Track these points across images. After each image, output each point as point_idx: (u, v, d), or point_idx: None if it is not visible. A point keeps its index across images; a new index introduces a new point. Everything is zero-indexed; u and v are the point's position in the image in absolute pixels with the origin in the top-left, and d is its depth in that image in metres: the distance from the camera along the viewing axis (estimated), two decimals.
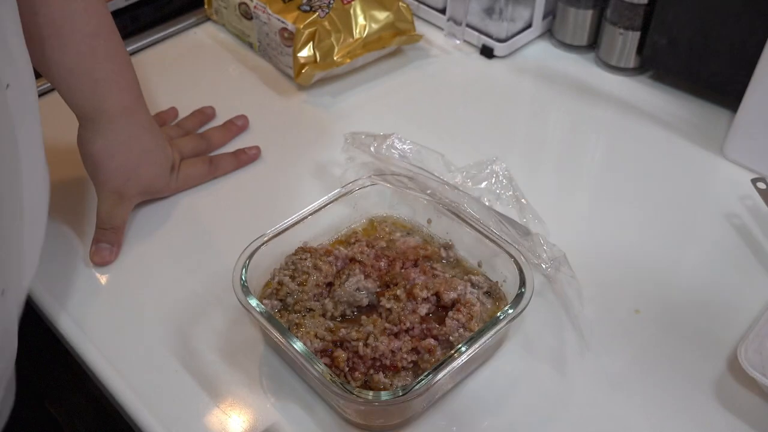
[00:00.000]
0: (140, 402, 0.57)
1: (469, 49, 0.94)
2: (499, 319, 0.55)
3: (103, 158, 0.66)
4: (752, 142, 0.76)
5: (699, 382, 0.59)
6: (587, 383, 0.59)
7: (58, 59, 0.62)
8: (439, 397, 0.57)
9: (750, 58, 0.73)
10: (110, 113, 0.66)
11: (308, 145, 0.80)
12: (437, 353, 0.55)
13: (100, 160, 0.66)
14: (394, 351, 0.55)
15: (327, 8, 0.86)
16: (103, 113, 0.65)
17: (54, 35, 0.61)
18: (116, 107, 0.66)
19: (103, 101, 0.65)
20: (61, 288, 0.66)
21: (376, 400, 0.51)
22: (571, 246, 0.64)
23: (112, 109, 0.66)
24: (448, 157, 0.70)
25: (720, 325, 0.63)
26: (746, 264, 0.68)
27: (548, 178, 0.78)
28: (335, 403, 0.56)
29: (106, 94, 0.65)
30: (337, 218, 0.66)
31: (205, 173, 0.75)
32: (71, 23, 0.61)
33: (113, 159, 0.67)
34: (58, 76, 0.64)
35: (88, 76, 0.64)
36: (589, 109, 0.86)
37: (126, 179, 0.68)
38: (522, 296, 0.57)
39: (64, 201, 0.73)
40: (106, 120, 0.66)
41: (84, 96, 0.65)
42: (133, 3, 0.99)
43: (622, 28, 0.86)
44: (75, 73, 0.64)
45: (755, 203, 0.72)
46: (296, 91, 0.87)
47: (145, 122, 0.69)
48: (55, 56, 0.62)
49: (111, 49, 0.65)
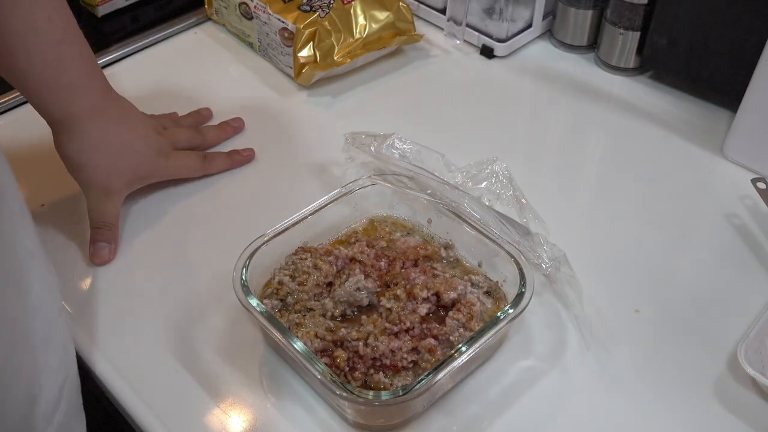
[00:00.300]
0: (140, 402, 0.57)
1: (469, 49, 0.94)
2: (499, 319, 0.55)
3: (81, 159, 0.67)
4: (752, 142, 0.76)
5: (699, 382, 0.59)
6: (587, 383, 0.59)
7: (25, 69, 0.62)
8: (440, 397, 0.57)
9: (750, 58, 0.73)
10: (80, 116, 0.66)
11: (308, 145, 0.80)
12: (437, 353, 0.55)
13: (79, 161, 0.67)
14: (394, 351, 0.55)
15: (327, 8, 0.86)
16: (73, 117, 0.65)
17: (20, 46, 0.61)
18: (85, 109, 0.66)
19: (71, 105, 0.65)
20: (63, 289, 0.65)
21: (376, 399, 0.51)
22: (571, 246, 0.64)
23: (81, 112, 0.66)
24: (448, 157, 0.70)
25: (720, 325, 0.63)
26: (746, 264, 0.68)
27: (548, 178, 0.78)
28: (335, 403, 0.56)
29: (74, 98, 0.65)
30: (337, 218, 0.66)
31: (198, 167, 0.75)
32: (35, 33, 0.61)
33: (91, 158, 0.67)
34: (26, 86, 0.64)
35: (56, 83, 0.64)
36: (589, 109, 0.86)
37: (108, 174, 0.68)
38: (522, 296, 0.57)
39: (61, 202, 0.73)
40: (77, 122, 0.66)
41: (52, 103, 0.65)
42: (133, 3, 0.99)
43: (622, 28, 0.86)
44: (42, 82, 0.63)
45: (755, 203, 0.72)
46: (296, 91, 0.87)
47: (117, 115, 0.69)
48: (21, 66, 0.62)
49: (76, 53, 0.65)
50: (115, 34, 0.96)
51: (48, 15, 0.62)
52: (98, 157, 0.67)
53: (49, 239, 0.69)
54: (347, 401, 0.52)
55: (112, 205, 0.68)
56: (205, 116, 0.82)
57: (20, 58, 0.61)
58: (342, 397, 0.51)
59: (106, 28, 0.97)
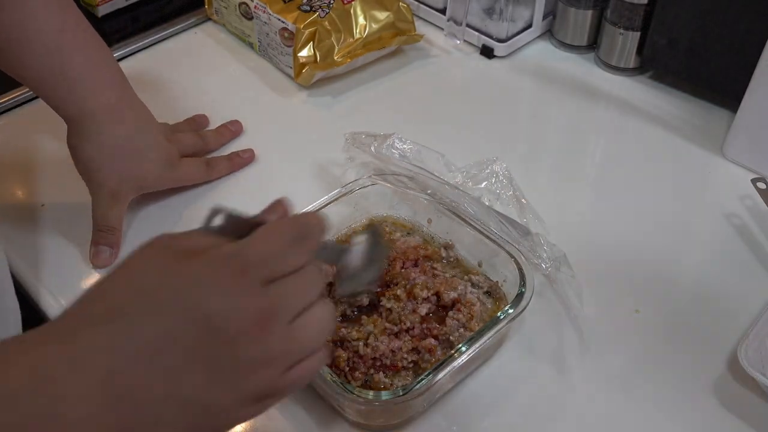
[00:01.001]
0: None
1: (469, 49, 0.94)
2: (499, 319, 0.56)
3: (94, 164, 0.66)
4: (752, 142, 0.76)
5: (699, 381, 0.59)
6: (587, 383, 0.59)
7: (28, 60, 0.62)
8: (439, 397, 0.57)
9: (750, 58, 0.73)
10: (94, 115, 0.65)
11: (308, 145, 0.80)
12: (437, 353, 0.55)
13: (92, 165, 0.66)
14: (394, 351, 0.55)
15: (327, 8, 0.86)
16: (87, 115, 0.64)
17: (21, 37, 0.60)
18: (99, 108, 0.65)
19: (84, 101, 0.64)
20: (62, 290, 0.66)
21: (376, 399, 0.51)
22: (571, 246, 0.64)
23: (96, 111, 0.65)
24: (448, 157, 0.70)
25: (720, 325, 0.63)
26: (746, 264, 0.68)
27: (548, 178, 0.78)
28: (335, 403, 0.56)
29: (86, 93, 0.64)
30: (337, 218, 0.66)
31: (202, 174, 0.74)
32: (34, 22, 0.61)
33: (104, 164, 0.66)
34: (32, 78, 0.63)
35: (61, 75, 0.63)
36: (589, 109, 0.86)
37: (119, 181, 0.67)
38: (522, 296, 0.57)
39: (61, 202, 0.73)
40: (91, 122, 0.65)
41: (62, 97, 0.64)
42: (133, 3, 0.99)
43: (622, 28, 0.86)
44: (46, 72, 0.63)
45: (755, 203, 0.72)
46: (296, 91, 0.87)
47: (134, 120, 0.68)
48: (24, 58, 0.61)
49: (80, 43, 0.64)
50: (115, 34, 0.96)
51: (44, 3, 0.61)
52: (111, 162, 0.66)
53: (49, 239, 0.69)
54: (348, 401, 0.52)
55: (117, 210, 0.68)
56: (200, 123, 0.82)
57: (24, 49, 0.61)
58: (342, 397, 0.51)
59: (106, 28, 0.97)
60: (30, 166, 0.76)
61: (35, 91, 0.64)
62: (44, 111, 0.66)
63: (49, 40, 0.62)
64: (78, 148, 0.66)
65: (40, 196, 0.74)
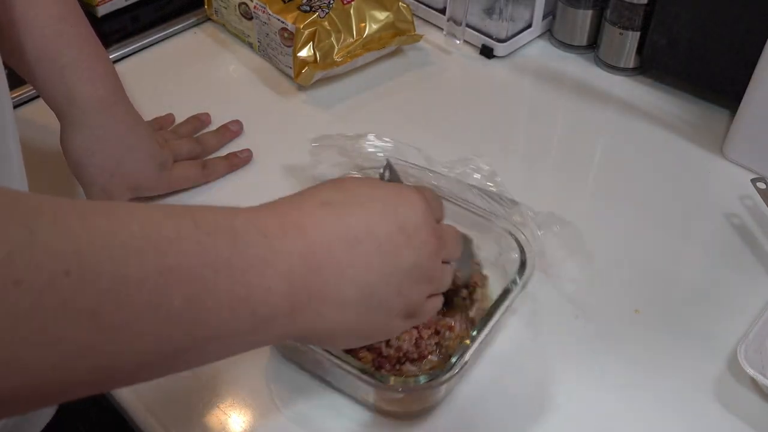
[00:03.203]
0: (139, 401, 0.57)
1: (469, 49, 0.94)
2: (509, 290, 0.56)
3: (83, 157, 0.66)
4: (752, 142, 0.76)
5: (699, 382, 0.59)
6: (587, 383, 0.59)
7: (24, 45, 0.62)
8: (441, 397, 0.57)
9: (750, 58, 0.73)
10: (83, 106, 0.65)
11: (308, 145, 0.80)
12: (456, 329, 0.56)
13: (81, 158, 0.66)
14: (417, 343, 0.55)
15: (327, 8, 0.86)
16: (76, 106, 0.65)
17: (20, 20, 0.61)
18: (89, 99, 0.65)
19: (74, 91, 0.64)
20: None
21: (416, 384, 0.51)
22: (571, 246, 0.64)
23: (85, 102, 0.65)
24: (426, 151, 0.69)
25: (720, 325, 0.63)
26: (746, 264, 0.68)
27: (548, 178, 0.78)
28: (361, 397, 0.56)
29: (76, 83, 0.64)
30: None
31: (198, 176, 0.74)
32: (35, 7, 0.62)
33: (93, 156, 0.66)
34: (26, 63, 0.63)
35: (55, 62, 0.63)
36: (589, 109, 0.86)
37: (110, 176, 0.67)
38: (525, 264, 0.58)
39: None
40: (81, 113, 0.65)
41: (54, 86, 0.64)
42: (133, 3, 0.99)
43: (622, 28, 0.86)
44: (41, 59, 0.63)
45: (755, 203, 0.72)
46: (296, 91, 0.87)
47: (124, 117, 0.68)
48: (21, 42, 0.62)
49: (78, 35, 0.65)
50: (115, 34, 0.96)
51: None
52: (100, 156, 0.67)
53: None
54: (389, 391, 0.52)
55: None
56: (204, 122, 0.82)
57: (21, 33, 0.61)
58: (383, 388, 0.52)
59: (106, 28, 0.96)
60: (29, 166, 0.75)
61: (27, 79, 0.64)
62: (33, 114, 0.66)
63: (47, 26, 0.62)
64: (68, 141, 0.66)
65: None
